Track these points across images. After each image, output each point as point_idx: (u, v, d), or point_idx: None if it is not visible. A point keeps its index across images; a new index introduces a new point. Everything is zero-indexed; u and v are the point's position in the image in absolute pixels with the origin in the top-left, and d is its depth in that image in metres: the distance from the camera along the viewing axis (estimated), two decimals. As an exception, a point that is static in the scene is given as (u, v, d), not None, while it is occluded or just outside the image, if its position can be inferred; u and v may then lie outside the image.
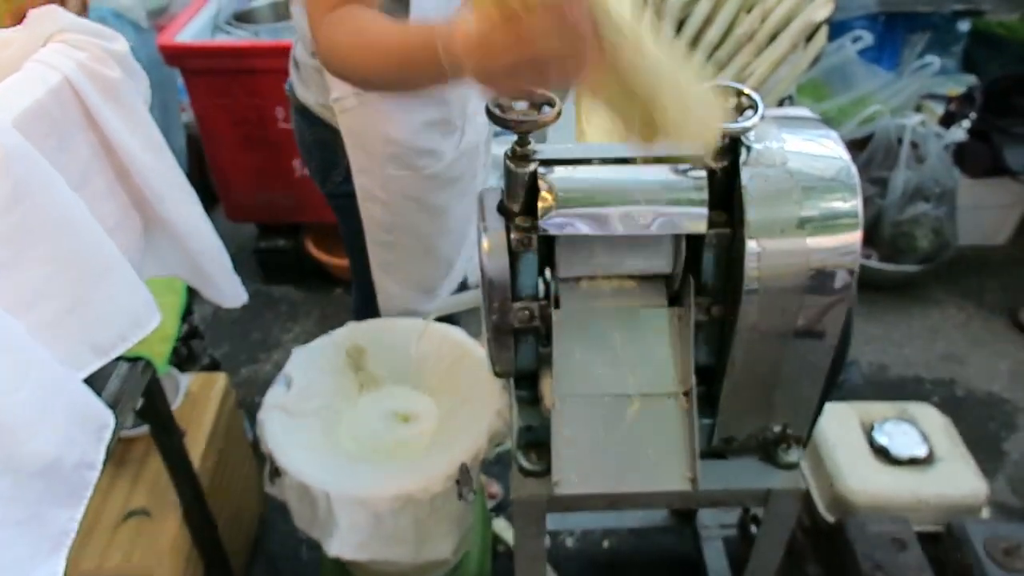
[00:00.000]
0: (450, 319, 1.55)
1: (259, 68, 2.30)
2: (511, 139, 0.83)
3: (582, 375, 0.89)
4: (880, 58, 3.09)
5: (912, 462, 1.33)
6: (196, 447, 1.54)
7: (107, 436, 0.83)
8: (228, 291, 1.07)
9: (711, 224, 0.83)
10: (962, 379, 2.32)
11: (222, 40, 2.38)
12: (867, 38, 2.77)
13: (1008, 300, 2.58)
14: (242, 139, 2.41)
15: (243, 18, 2.49)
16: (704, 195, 0.82)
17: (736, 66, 2.04)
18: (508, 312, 0.87)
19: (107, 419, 0.83)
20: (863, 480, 1.32)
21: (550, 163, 0.83)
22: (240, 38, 2.39)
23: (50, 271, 0.75)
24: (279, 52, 2.25)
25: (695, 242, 0.86)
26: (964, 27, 3.16)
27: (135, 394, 1.04)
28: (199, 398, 1.66)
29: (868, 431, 1.38)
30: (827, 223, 0.80)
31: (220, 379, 1.72)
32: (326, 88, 1.27)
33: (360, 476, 1.26)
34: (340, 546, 1.22)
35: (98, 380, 0.91)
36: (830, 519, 1.35)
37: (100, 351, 0.83)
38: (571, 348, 0.89)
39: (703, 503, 1.37)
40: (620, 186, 0.83)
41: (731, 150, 0.83)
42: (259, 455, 1.46)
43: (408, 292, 1.53)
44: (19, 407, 0.69)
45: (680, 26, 2.09)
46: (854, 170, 0.82)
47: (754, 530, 1.44)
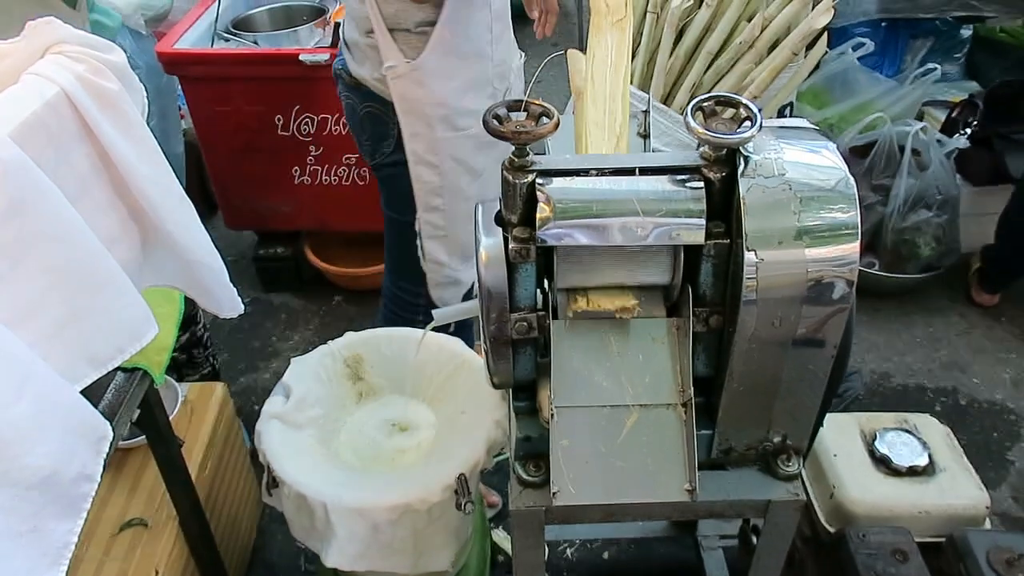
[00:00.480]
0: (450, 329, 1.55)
1: (258, 76, 2.30)
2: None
3: (580, 386, 0.88)
4: (882, 65, 3.08)
5: (913, 472, 1.33)
6: (193, 456, 1.54)
7: (105, 448, 0.83)
8: (225, 301, 1.07)
9: (709, 235, 0.83)
10: (965, 388, 2.31)
11: (221, 48, 2.38)
12: (868, 45, 2.76)
13: (1010, 308, 2.57)
14: (241, 146, 2.41)
15: (242, 26, 2.49)
16: (702, 206, 0.82)
17: (737, 73, 2.04)
18: (506, 323, 0.87)
19: (105, 431, 0.83)
20: (864, 490, 1.32)
21: (548, 174, 0.83)
22: (239, 46, 2.40)
23: (47, 284, 0.75)
24: (278, 60, 2.27)
25: (693, 253, 0.85)
26: (966, 33, 3.16)
27: (132, 405, 1.04)
28: (197, 407, 1.65)
29: (869, 441, 1.38)
30: (825, 234, 0.79)
31: (218, 388, 1.72)
32: (377, 64, 1.42)
33: (358, 486, 1.25)
34: (338, 557, 1.21)
35: (95, 391, 0.91)
36: (831, 529, 1.34)
37: (97, 363, 0.83)
38: (569, 359, 0.88)
39: (702, 514, 1.36)
40: (618, 197, 0.83)
41: (729, 161, 0.83)
42: (257, 464, 1.46)
43: (454, 259, 1.64)
44: (17, 420, 0.69)
45: (681, 34, 2.09)
46: (852, 181, 0.81)
47: (755, 540, 1.43)
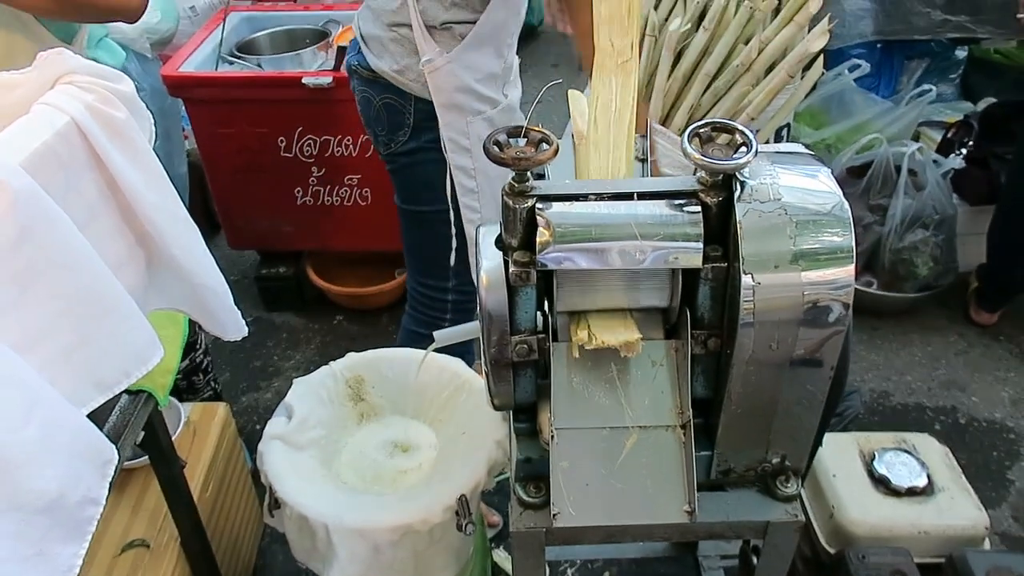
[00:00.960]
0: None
1: (261, 98, 2.33)
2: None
3: (580, 407, 0.89)
4: (878, 86, 3.10)
5: (912, 492, 1.33)
6: (195, 477, 1.54)
7: (111, 472, 0.83)
8: (229, 324, 1.08)
9: (707, 258, 0.84)
10: (964, 407, 2.31)
11: (225, 71, 2.41)
12: (865, 66, 2.79)
13: (1008, 327, 2.58)
14: (244, 167, 2.43)
15: (246, 49, 2.52)
16: (700, 230, 0.83)
17: (734, 95, 2.06)
18: (507, 346, 0.88)
19: (111, 455, 0.84)
20: (863, 511, 1.32)
21: (548, 199, 0.84)
22: (243, 69, 2.42)
23: (56, 309, 0.76)
24: (281, 83, 2.29)
25: (691, 276, 0.86)
26: (961, 54, 3.19)
27: (136, 427, 1.05)
28: (199, 428, 1.66)
29: (868, 461, 1.38)
30: (821, 257, 0.80)
31: (220, 409, 1.72)
32: (399, 56, 1.55)
33: (359, 507, 1.26)
34: (339, 578, 1.21)
35: (100, 413, 0.92)
36: (831, 550, 1.34)
37: (104, 387, 0.84)
38: (569, 381, 0.89)
39: (701, 536, 1.36)
40: (617, 221, 0.84)
41: (726, 186, 0.84)
42: (259, 485, 1.46)
43: None
44: (25, 444, 0.69)
45: (679, 56, 2.12)
46: (847, 205, 0.82)
47: (755, 561, 1.43)
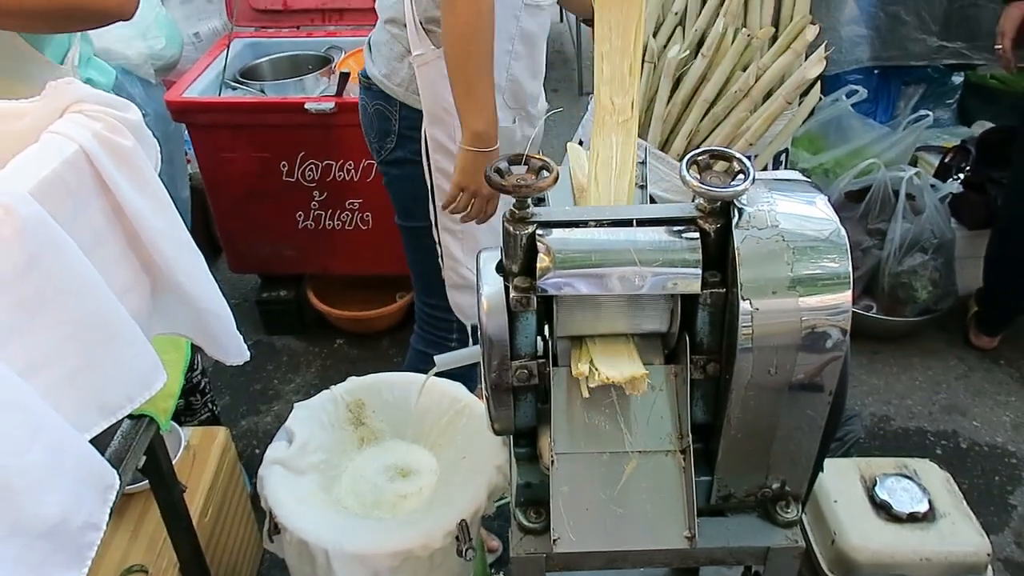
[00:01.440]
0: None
1: (264, 123, 2.35)
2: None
3: (580, 432, 0.89)
4: (875, 111, 3.13)
5: (913, 519, 1.33)
6: (195, 502, 1.54)
7: (112, 497, 0.84)
8: (232, 349, 1.09)
9: (705, 284, 0.85)
10: (965, 431, 2.31)
11: (228, 96, 2.43)
12: (862, 92, 2.81)
13: (1009, 351, 2.58)
14: (246, 192, 2.45)
15: (249, 75, 2.55)
16: (698, 256, 0.84)
17: (732, 121, 2.08)
18: (507, 370, 0.88)
19: (112, 480, 0.84)
20: (865, 537, 1.31)
21: (548, 225, 0.85)
22: (246, 94, 2.45)
23: (62, 334, 0.76)
24: (284, 108, 2.32)
25: (690, 301, 0.87)
26: (958, 80, 3.22)
27: (138, 452, 1.05)
28: (199, 452, 1.66)
29: (869, 487, 1.38)
30: (818, 283, 0.81)
31: (220, 433, 1.72)
32: (388, 60, 1.56)
33: (359, 532, 1.25)
34: (339, 604, 1.21)
35: (102, 438, 0.92)
36: (833, 576, 1.34)
37: (107, 412, 0.85)
38: (569, 406, 0.90)
39: (702, 561, 1.35)
40: (617, 247, 0.85)
41: (724, 213, 0.85)
42: (258, 509, 1.46)
43: (468, 257, 1.68)
44: (29, 469, 0.70)
45: (678, 83, 2.14)
46: (843, 232, 0.83)
47: (757, 586, 1.42)
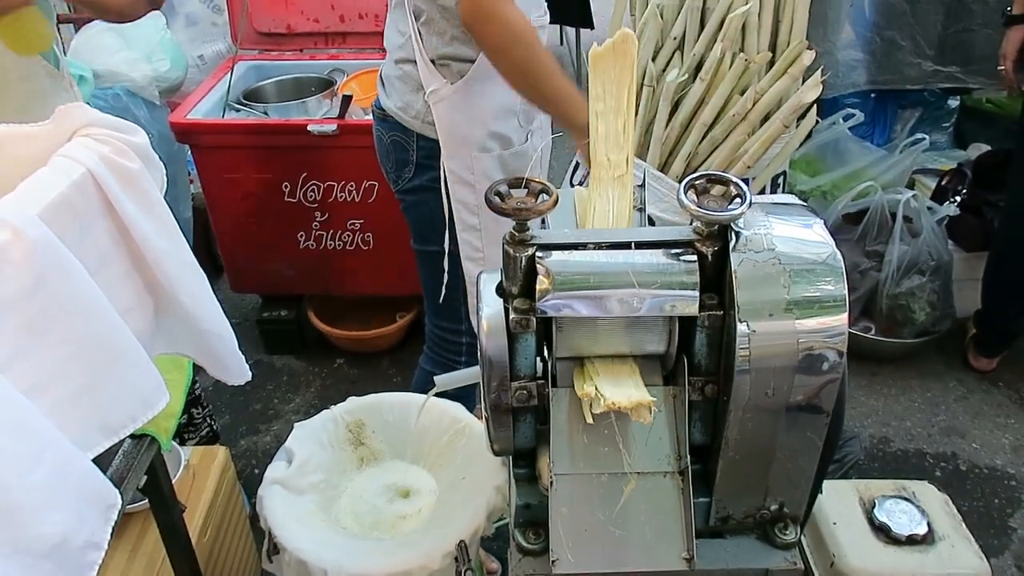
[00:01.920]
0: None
1: (267, 145, 2.37)
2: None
3: (579, 453, 0.90)
4: (872, 134, 3.16)
5: (912, 541, 1.32)
6: (194, 521, 1.53)
7: (114, 516, 0.84)
8: (233, 369, 1.10)
9: (703, 306, 0.86)
10: (964, 453, 2.31)
11: (232, 118, 2.46)
12: (859, 115, 2.84)
13: (1007, 373, 2.58)
14: (248, 212, 2.47)
15: (252, 97, 2.58)
16: (696, 279, 0.85)
17: (730, 144, 2.10)
18: (506, 391, 0.89)
19: (115, 499, 0.84)
20: (864, 559, 1.31)
21: (547, 247, 0.87)
22: (249, 116, 2.47)
23: (67, 355, 0.77)
24: (286, 130, 2.34)
25: (688, 323, 0.88)
26: (954, 104, 3.25)
27: (139, 471, 1.05)
28: (199, 472, 1.66)
29: (868, 509, 1.38)
30: (814, 306, 0.82)
31: (220, 452, 1.72)
32: (403, 94, 1.56)
33: (359, 553, 1.25)
34: (337, 625, 1.21)
35: (104, 457, 0.92)
36: (832, 598, 1.33)
37: (110, 432, 0.85)
38: (568, 427, 0.90)
39: (702, 582, 1.35)
40: (615, 270, 0.86)
41: (721, 236, 0.86)
42: (257, 529, 1.46)
43: None
44: (34, 489, 0.70)
45: (676, 106, 2.16)
46: (839, 255, 0.85)
47: (756, 609, 1.42)
